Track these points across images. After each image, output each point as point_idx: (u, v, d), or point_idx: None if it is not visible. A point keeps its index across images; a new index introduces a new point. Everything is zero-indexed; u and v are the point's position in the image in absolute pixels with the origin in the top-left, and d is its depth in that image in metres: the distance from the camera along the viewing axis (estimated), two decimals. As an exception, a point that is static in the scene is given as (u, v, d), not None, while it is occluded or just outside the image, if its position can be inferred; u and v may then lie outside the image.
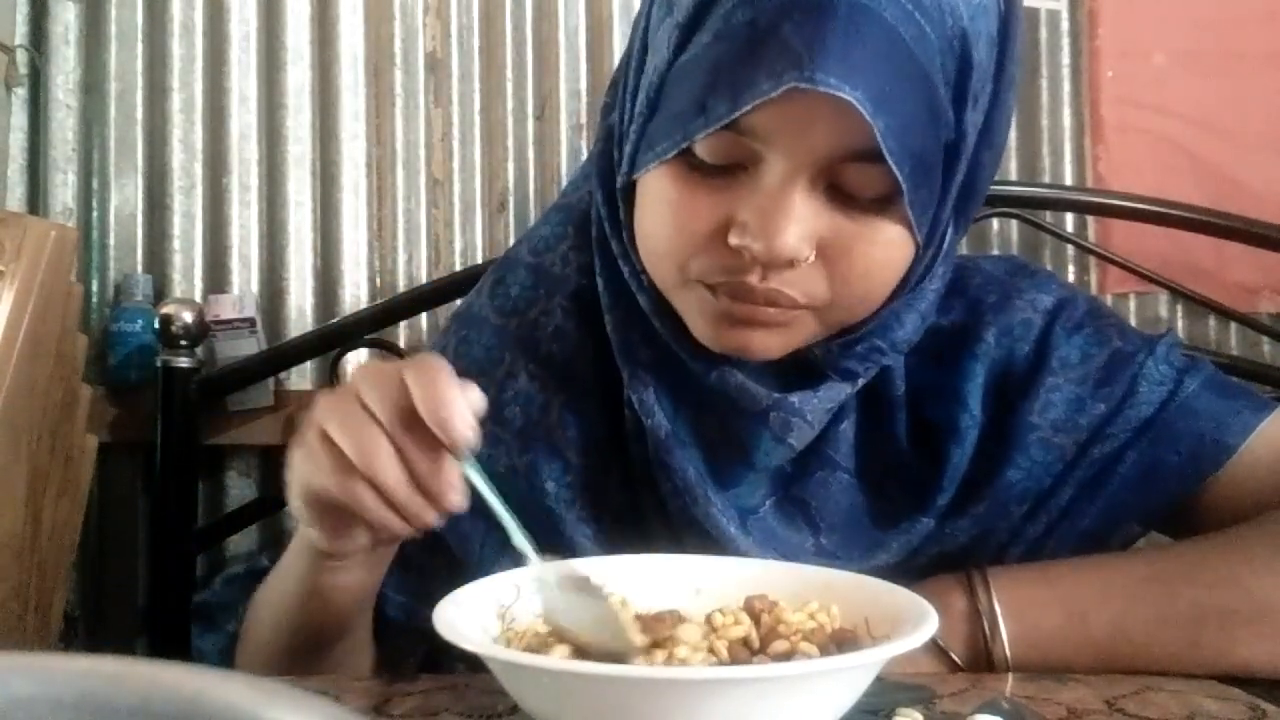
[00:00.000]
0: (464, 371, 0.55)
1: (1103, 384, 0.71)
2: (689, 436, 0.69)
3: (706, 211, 0.61)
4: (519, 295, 0.77)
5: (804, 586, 0.57)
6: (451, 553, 0.72)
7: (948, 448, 0.70)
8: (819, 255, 0.60)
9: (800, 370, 0.67)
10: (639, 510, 0.72)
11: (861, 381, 0.69)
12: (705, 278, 0.62)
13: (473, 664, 0.69)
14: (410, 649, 0.73)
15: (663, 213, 0.62)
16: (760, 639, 0.54)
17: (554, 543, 0.65)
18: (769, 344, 0.64)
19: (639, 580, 0.59)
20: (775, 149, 0.58)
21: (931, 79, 0.58)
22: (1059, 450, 0.70)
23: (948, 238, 0.66)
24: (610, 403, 0.72)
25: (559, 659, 0.50)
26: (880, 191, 0.59)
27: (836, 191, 0.60)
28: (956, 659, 0.64)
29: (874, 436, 0.72)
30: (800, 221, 0.58)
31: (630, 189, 0.66)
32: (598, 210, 0.70)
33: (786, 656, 0.52)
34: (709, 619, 0.55)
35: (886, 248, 0.61)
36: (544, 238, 0.78)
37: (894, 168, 0.56)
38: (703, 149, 0.60)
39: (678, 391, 0.69)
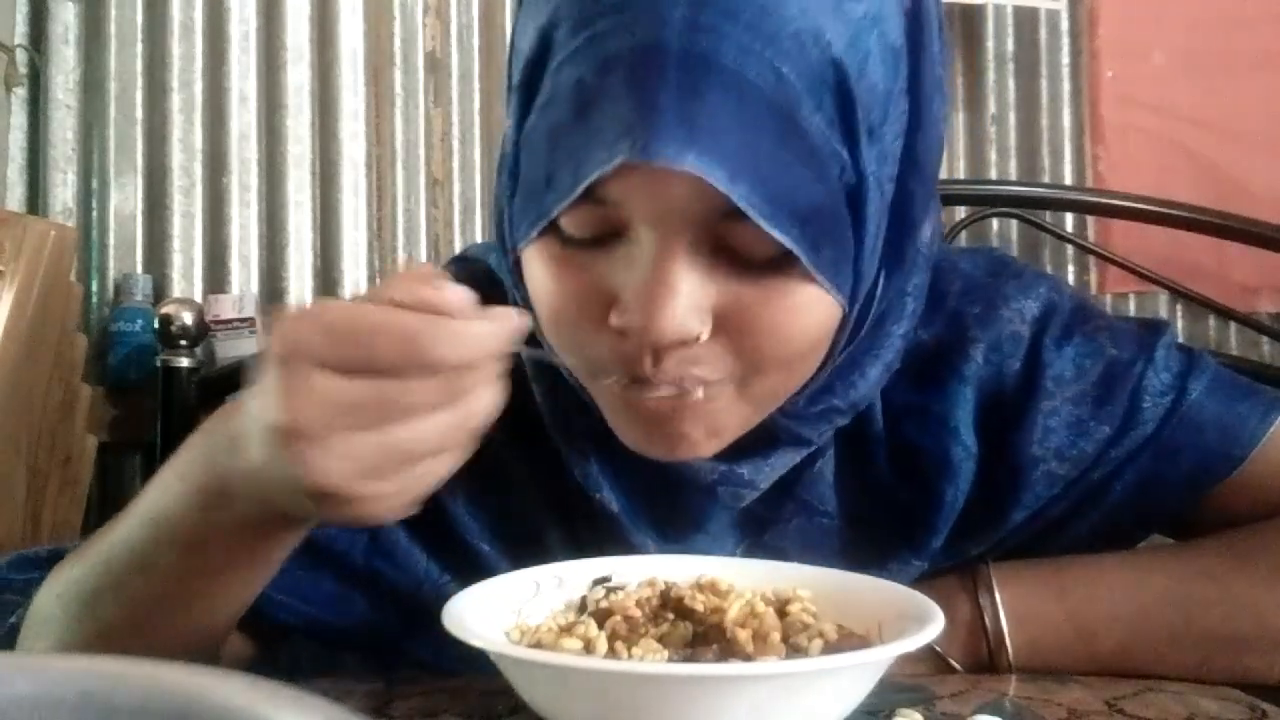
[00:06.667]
0: None
1: (1102, 402, 0.66)
2: (640, 510, 0.64)
3: (587, 292, 0.54)
4: None
5: (814, 588, 0.57)
6: (337, 565, 0.65)
7: (939, 484, 0.65)
8: (719, 328, 0.53)
9: (750, 433, 0.60)
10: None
11: (817, 445, 0.63)
12: (606, 371, 0.56)
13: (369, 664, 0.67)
14: (306, 654, 0.69)
15: (544, 298, 0.56)
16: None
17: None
18: (696, 440, 0.57)
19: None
20: (639, 217, 0.51)
21: (802, 125, 0.50)
22: (1064, 481, 0.66)
23: (880, 283, 0.58)
24: (556, 464, 0.65)
25: (565, 655, 0.50)
26: (776, 252, 0.51)
27: (727, 252, 0.52)
28: (957, 666, 0.64)
29: (856, 474, 0.67)
30: (685, 294, 0.51)
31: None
32: (507, 274, 0.63)
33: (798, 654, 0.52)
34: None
35: (799, 313, 0.54)
36: (495, 268, 0.69)
37: (774, 233, 0.49)
38: (568, 223, 0.53)
39: (620, 462, 0.62)
